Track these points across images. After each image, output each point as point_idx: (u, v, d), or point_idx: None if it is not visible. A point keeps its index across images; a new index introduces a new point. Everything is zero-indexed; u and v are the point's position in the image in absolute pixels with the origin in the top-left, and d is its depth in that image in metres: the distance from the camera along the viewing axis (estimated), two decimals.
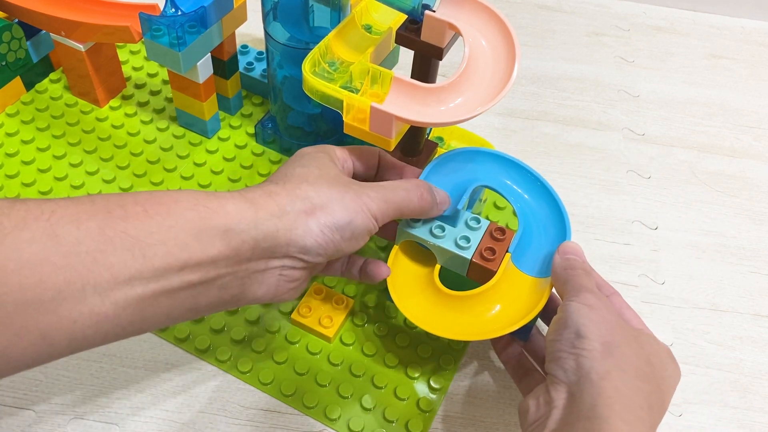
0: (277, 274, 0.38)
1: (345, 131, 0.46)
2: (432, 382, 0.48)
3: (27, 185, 0.56)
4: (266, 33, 0.53)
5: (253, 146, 0.62)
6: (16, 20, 0.59)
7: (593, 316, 0.38)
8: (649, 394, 0.36)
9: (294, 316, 0.49)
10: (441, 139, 0.57)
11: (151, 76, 0.66)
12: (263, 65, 0.65)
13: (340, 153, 0.44)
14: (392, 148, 0.45)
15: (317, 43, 0.46)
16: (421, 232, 0.46)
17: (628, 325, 0.40)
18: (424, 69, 0.47)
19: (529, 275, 0.46)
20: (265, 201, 0.37)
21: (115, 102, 0.64)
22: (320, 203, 0.38)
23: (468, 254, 0.45)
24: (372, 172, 0.47)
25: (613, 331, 0.38)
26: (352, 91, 0.44)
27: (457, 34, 0.44)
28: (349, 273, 0.46)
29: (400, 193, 0.42)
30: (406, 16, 0.45)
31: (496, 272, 0.45)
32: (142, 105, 0.64)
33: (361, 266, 0.46)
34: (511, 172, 0.50)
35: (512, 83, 0.43)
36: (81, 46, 0.58)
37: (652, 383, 0.37)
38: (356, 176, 0.46)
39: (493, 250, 0.46)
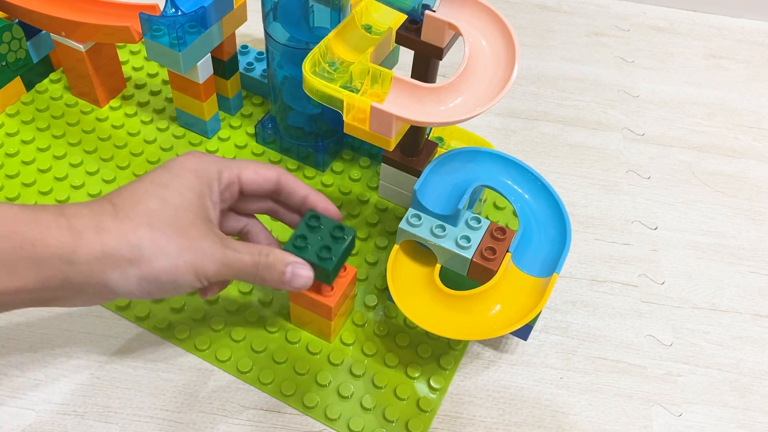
0: (86, 299, 0.37)
1: (345, 131, 0.46)
2: (432, 382, 0.48)
3: (27, 185, 0.56)
4: (266, 33, 0.53)
5: (253, 146, 0.62)
6: (16, 20, 0.59)
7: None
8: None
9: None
10: (441, 139, 0.57)
11: (151, 76, 0.66)
12: (263, 65, 0.65)
13: (227, 175, 0.41)
14: (392, 147, 0.45)
15: (317, 43, 0.46)
16: (421, 232, 0.46)
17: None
18: (424, 69, 0.47)
19: (530, 275, 0.46)
20: (90, 237, 0.35)
21: (115, 102, 0.64)
22: (150, 254, 0.36)
23: (468, 254, 0.45)
24: (266, 192, 0.44)
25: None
26: (352, 91, 0.44)
27: (457, 34, 0.44)
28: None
29: (245, 260, 0.40)
30: (406, 16, 0.45)
31: (496, 272, 0.45)
32: (142, 105, 0.64)
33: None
34: (511, 172, 0.50)
35: (512, 83, 0.43)
36: (81, 46, 0.58)
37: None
38: (247, 197, 0.44)
39: (493, 250, 0.46)
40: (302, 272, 0.41)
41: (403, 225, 0.47)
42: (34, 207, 0.35)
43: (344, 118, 0.45)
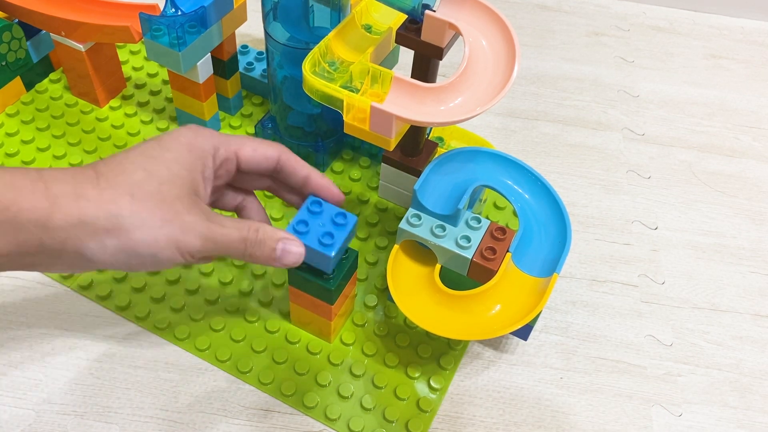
0: (65, 266, 0.36)
1: (345, 131, 0.46)
2: (432, 382, 0.48)
3: None
4: (266, 33, 0.53)
5: None
6: (16, 20, 0.59)
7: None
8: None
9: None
10: (441, 139, 0.57)
11: (151, 76, 0.66)
12: (263, 65, 0.65)
13: (223, 151, 0.40)
14: (392, 147, 0.45)
15: (317, 43, 0.46)
16: (421, 232, 0.46)
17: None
18: (424, 69, 0.47)
19: (530, 275, 0.46)
20: (68, 203, 0.34)
21: (115, 102, 0.64)
22: (129, 225, 0.35)
23: (469, 254, 0.45)
24: (265, 170, 0.43)
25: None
26: (352, 91, 0.44)
27: (457, 34, 0.44)
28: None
29: (232, 235, 0.38)
30: (406, 16, 0.45)
31: (496, 272, 0.45)
32: (142, 105, 0.64)
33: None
34: (511, 172, 0.50)
35: (512, 83, 0.43)
36: (81, 46, 0.58)
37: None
38: (245, 174, 0.43)
39: (493, 250, 0.46)
40: (293, 248, 0.40)
41: (403, 225, 0.47)
42: (13, 170, 0.34)
43: (344, 118, 0.45)
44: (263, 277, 0.52)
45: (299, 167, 0.43)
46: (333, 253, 0.41)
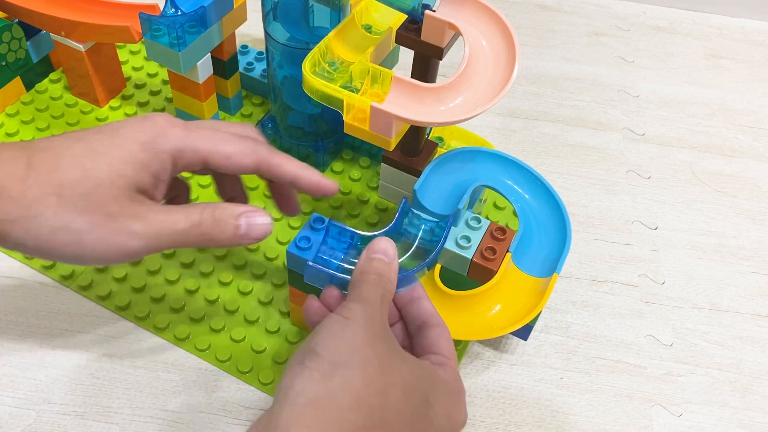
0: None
1: (345, 131, 0.46)
2: None
3: None
4: (266, 33, 0.53)
5: None
6: (16, 20, 0.59)
7: (342, 330, 0.33)
8: (363, 429, 0.31)
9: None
10: (441, 139, 0.57)
11: (151, 76, 0.66)
12: (263, 65, 0.65)
13: (189, 157, 0.36)
14: (392, 147, 0.45)
15: (317, 43, 0.46)
16: None
17: (389, 345, 0.34)
18: (424, 69, 0.47)
19: (530, 275, 0.46)
20: None
21: (115, 102, 0.64)
22: (49, 226, 0.33)
23: (468, 254, 0.45)
24: (244, 174, 0.39)
25: (356, 350, 0.32)
26: (352, 91, 0.44)
27: (457, 34, 0.44)
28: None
29: (179, 225, 0.35)
30: (406, 16, 0.45)
31: (496, 272, 0.45)
32: (142, 105, 0.64)
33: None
34: (511, 172, 0.50)
35: (512, 83, 0.43)
36: (81, 46, 0.58)
37: (375, 417, 0.31)
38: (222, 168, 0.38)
39: (493, 250, 0.46)
40: (259, 219, 0.36)
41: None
42: None
43: (344, 118, 0.45)
44: (263, 277, 0.52)
45: (283, 171, 0.39)
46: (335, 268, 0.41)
